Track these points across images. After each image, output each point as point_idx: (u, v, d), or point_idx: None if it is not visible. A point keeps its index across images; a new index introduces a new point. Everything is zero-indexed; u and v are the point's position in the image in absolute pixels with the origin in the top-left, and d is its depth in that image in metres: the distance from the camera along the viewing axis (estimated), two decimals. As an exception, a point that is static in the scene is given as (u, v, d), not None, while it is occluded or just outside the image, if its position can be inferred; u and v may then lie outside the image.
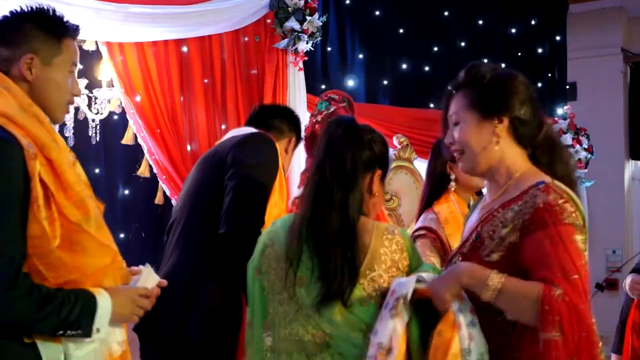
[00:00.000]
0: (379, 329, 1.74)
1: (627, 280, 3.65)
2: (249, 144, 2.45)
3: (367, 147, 1.90)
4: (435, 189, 2.70)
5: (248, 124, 2.70)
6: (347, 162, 1.83)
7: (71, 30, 1.79)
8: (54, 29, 1.75)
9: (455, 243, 2.46)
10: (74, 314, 1.61)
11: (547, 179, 1.78)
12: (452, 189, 2.67)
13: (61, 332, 1.61)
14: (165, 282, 1.88)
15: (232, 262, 2.20)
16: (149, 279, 1.83)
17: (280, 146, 2.54)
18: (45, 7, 1.76)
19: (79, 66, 1.95)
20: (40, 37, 1.72)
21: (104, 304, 1.67)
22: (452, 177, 2.66)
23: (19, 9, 1.75)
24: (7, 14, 1.75)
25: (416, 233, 2.66)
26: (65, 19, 1.78)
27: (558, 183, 1.76)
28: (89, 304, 1.65)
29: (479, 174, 1.93)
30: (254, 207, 2.30)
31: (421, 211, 2.71)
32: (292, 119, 2.74)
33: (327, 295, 1.78)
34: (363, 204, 1.87)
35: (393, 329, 1.71)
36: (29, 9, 1.75)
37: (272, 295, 1.89)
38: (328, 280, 1.78)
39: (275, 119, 2.69)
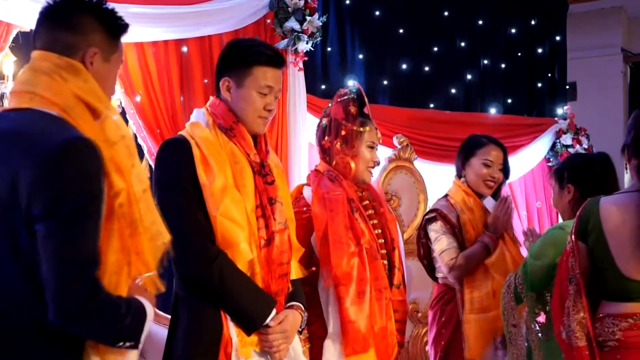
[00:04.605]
0: None
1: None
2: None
3: None
4: None
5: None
6: None
7: (125, 29, 1.71)
8: (114, 27, 1.67)
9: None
10: (132, 322, 1.53)
11: None
12: None
13: (121, 343, 1.52)
14: None
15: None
16: None
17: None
18: (104, 2, 1.68)
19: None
20: (102, 33, 1.64)
21: (150, 311, 1.58)
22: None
23: None
24: None
25: None
26: (117, 13, 1.70)
27: None
28: (141, 312, 1.56)
29: None
30: None
31: None
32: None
33: None
34: None
35: None
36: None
37: None
38: None
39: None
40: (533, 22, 6.16)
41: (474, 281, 3.08)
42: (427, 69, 5.41)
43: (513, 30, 6.01)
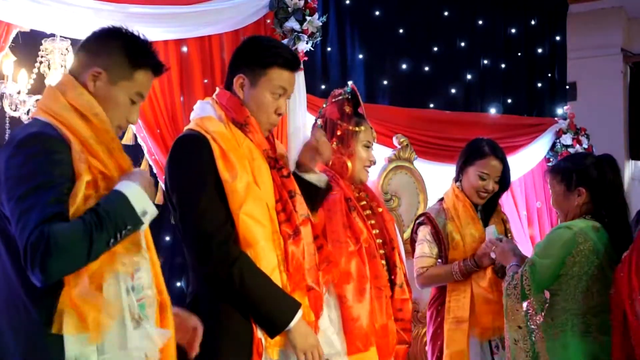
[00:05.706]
0: None
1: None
2: None
3: None
4: None
5: None
6: None
7: (152, 65, 1.85)
8: (135, 57, 1.82)
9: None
10: (107, 217, 1.60)
11: None
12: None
13: (112, 240, 1.61)
14: None
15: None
16: None
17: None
18: (138, 34, 1.86)
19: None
20: (118, 58, 1.81)
21: (128, 188, 1.66)
22: None
23: (115, 26, 1.85)
24: (102, 27, 1.87)
25: None
26: (152, 52, 1.86)
27: None
28: (114, 198, 1.64)
29: None
30: None
31: None
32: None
33: None
34: None
35: None
36: (124, 29, 1.84)
37: None
38: None
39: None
40: (533, 22, 6.16)
41: (453, 291, 3.15)
42: (427, 69, 5.41)
43: (513, 30, 6.00)
